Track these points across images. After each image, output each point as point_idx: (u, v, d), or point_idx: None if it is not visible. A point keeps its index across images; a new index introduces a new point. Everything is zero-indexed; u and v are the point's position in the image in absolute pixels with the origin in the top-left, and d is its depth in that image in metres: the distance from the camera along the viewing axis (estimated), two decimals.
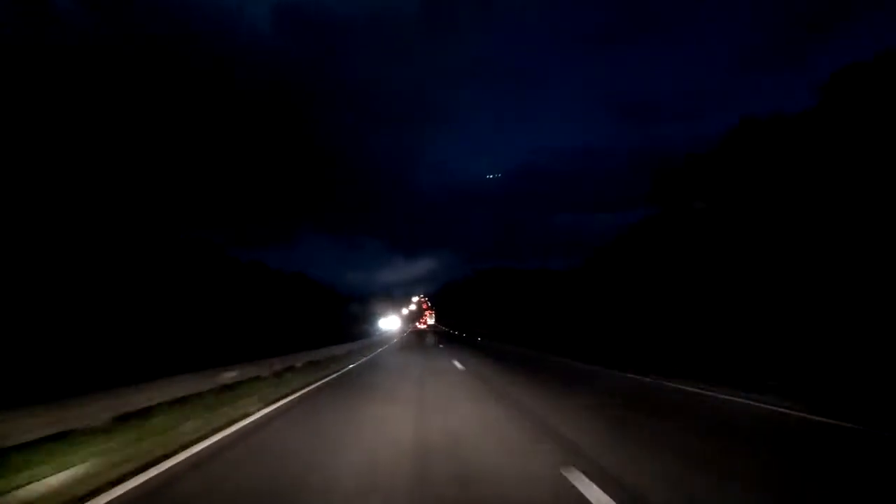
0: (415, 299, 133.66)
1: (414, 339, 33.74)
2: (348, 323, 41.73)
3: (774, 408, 5.66)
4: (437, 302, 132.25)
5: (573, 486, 2.97)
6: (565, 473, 3.21)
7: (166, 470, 3.57)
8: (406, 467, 3.47)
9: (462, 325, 58.71)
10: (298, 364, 11.67)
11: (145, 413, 5.40)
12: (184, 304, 29.20)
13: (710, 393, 6.91)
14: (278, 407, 6.47)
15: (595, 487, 2.93)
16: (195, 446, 4.27)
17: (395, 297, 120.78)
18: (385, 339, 33.98)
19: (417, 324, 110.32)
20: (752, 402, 6.05)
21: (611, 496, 2.77)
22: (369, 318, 51.84)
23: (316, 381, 9.32)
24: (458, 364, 12.30)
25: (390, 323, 52.56)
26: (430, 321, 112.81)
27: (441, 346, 21.66)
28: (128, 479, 3.31)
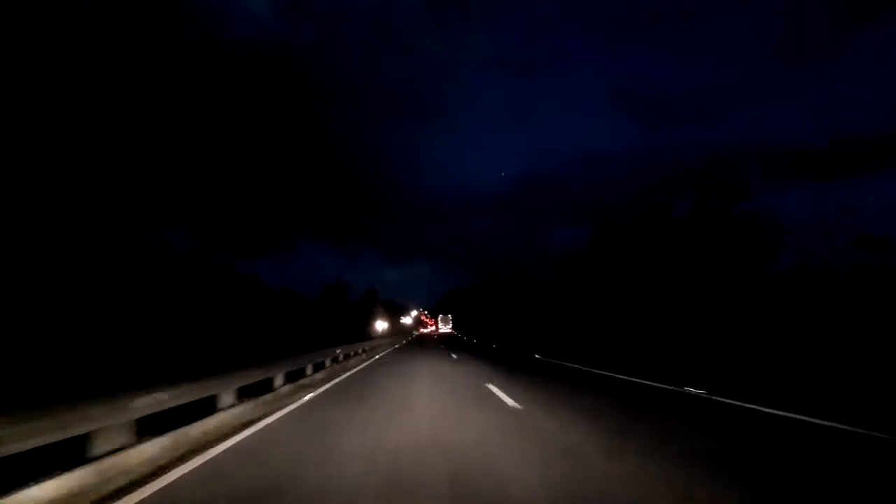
0: (413, 312, 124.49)
1: None
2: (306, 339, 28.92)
3: None
4: (437, 312, 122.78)
5: None
6: None
7: None
8: None
9: (489, 335, 48.32)
10: None
11: None
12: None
13: None
14: None
15: None
16: None
17: (385, 302, 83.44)
18: None
19: (423, 329, 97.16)
20: None
21: None
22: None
23: None
24: None
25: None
26: (445, 328, 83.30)
27: None
28: None
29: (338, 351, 14.28)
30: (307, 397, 8.16)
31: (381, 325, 47.07)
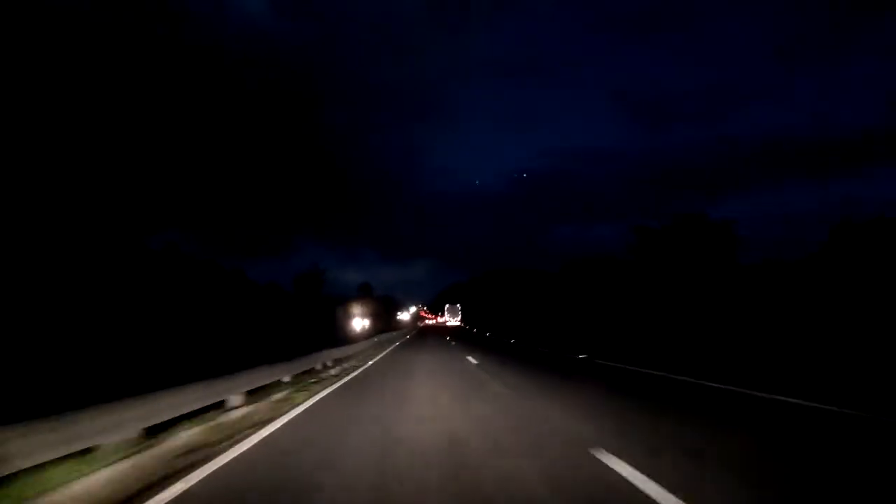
0: (412, 308, 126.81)
1: None
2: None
3: None
4: (435, 307, 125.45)
5: None
6: None
7: None
8: None
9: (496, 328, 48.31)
10: None
11: None
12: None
13: None
14: None
15: None
16: None
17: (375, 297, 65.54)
18: None
19: (427, 321, 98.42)
20: None
21: None
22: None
23: None
24: None
25: None
26: (454, 320, 73.99)
27: None
28: None
29: None
30: None
31: (360, 324, 35.22)
